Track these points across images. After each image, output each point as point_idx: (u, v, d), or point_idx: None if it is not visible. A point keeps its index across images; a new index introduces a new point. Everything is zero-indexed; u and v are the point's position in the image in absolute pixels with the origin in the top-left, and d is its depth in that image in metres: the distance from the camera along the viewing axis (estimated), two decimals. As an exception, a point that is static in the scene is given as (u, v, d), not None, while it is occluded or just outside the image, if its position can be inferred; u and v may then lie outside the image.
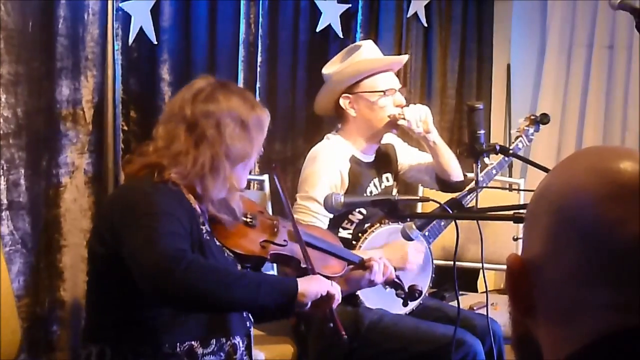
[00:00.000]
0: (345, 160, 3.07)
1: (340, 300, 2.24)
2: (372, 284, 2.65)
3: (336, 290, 2.22)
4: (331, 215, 2.94)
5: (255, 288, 2.05)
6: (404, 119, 3.06)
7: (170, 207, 2.08)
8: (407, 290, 2.69)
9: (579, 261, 0.86)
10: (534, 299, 0.91)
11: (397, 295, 2.71)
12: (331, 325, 2.24)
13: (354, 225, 3.08)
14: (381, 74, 3.12)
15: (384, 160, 3.27)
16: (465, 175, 3.31)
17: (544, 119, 3.39)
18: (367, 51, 3.15)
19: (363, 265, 2.61)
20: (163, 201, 2.09)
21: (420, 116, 3.07)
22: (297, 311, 2.16)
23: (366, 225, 3.07)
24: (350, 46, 3.25)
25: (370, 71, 3.10)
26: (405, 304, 2.74)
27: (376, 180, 3.17)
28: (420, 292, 2.67)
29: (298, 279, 2.14)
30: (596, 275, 0.85)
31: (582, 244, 0.85)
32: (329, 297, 2.20)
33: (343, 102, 3.11)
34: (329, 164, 3.03)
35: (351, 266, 2.62)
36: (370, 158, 3.19)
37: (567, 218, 0.87)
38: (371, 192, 3.14)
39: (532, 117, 3.40)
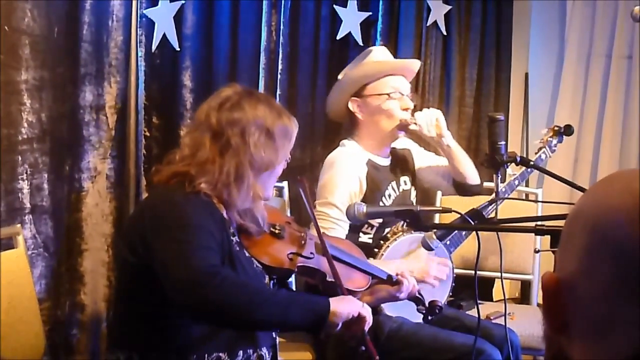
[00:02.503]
0: (363, 164, 3.08)
1: (371, 323, 2.21)
2: (396, 298, 2.63)
3: (367, 312, 2.18)
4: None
5: (286, 307, 2.04)
6: (415, 123, 3.08)
7: (202, 219, 2.09)
8: (427, 305, 2.67)
9: (612, 279, 0.87)
10: (567, 317, 0.92)
11: (417, 310, 2.69)
12: (363, 348, 2.20)
13: (374, 229, 3.09)
14: (389, 77, 3.13)
15: (401, 164, 3.29)
16: (482, 180, 3.32)
17: (567, 130, 3.37)
18: (377, 55, 3.17)
19: (392, 280, 2.59)
20: (196, 213, 2.09)
21: (431, 120, 3.08)
22: (328, 332, 2.12)
23: (386, 230, 3.08)
24: (365, 51, 3.27)
25: (377, 74, 3.12)
26: (425, 320, 2.73)
27: (394, 184, 3.19)
28: (441, 308, 2.66)
29: (330, 299, 2.12)
30: (629, 293, 0.85)
31: (616, 263, 0.86)
32: (360, 319, 2.16)
33: (352, 105, 3.14)
34: (346, 170, 3.05)
35: (375, 280, 2.59)
36: (386, 161, 3.21)
37: (601, 237, 0.88)
38: (389, 196, 3.15)
39: (556, 129, 3.38)
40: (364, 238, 3.07)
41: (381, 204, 3.08)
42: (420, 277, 2.95)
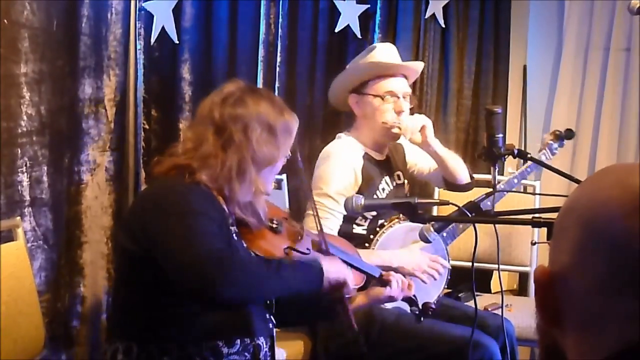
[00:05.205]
0: (359, 157, 3.10)
1: (353, 292, 2.33)
2: (391, 299, 2.62)
3: (351, 279, 2.31)
4: (345, 212, 2.98)
5: (290, 278, 2.14)
6: (399, 127, 3.09)
7: (204, 207, 2.12)
8: (420, 307, 2.67)
9: (605, 273, 0.87)
10: (561, 310, 0.92)
11: (411, 311, 2.70)
12: (341, 311, 2.31)
13: (368, 221, 3.10)
14: (389, 78, 3.13)
15: (395, 159, 3.31)
16: (472, 177, 3.34)
17: (568, 134, 3.42)
18: (380, 54, 3.17)
19: (382, 280, 2.60)
20: (197, 201, 2.12)
21: (415, 126, 3.09)
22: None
23: (380, 222, 3.09)
24: (370, 46, 3.28)
25: (376, 74, 3.13)
26: (418, 320, 2.73)
27: (388, 178, 3.21)
28: (433, 309, 2.67)
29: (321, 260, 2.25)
30: (622, 286, 0.86)
31: (609, 256, 0.87)
32: (344, 283, 2.28)
33: (350, 101, 3.16)
34: (342, 162, 3.07)
35: (373, 280, 2.62)
36: (382, 156, 3.23)
37: (595, 230, 0.89)
38: (383, 190, 3.17)
39: (557, 133, 3.42)
40: (358, 229, 3.09)
41: (375, 197, 3.09)
42: (411, 271, 2.96)
